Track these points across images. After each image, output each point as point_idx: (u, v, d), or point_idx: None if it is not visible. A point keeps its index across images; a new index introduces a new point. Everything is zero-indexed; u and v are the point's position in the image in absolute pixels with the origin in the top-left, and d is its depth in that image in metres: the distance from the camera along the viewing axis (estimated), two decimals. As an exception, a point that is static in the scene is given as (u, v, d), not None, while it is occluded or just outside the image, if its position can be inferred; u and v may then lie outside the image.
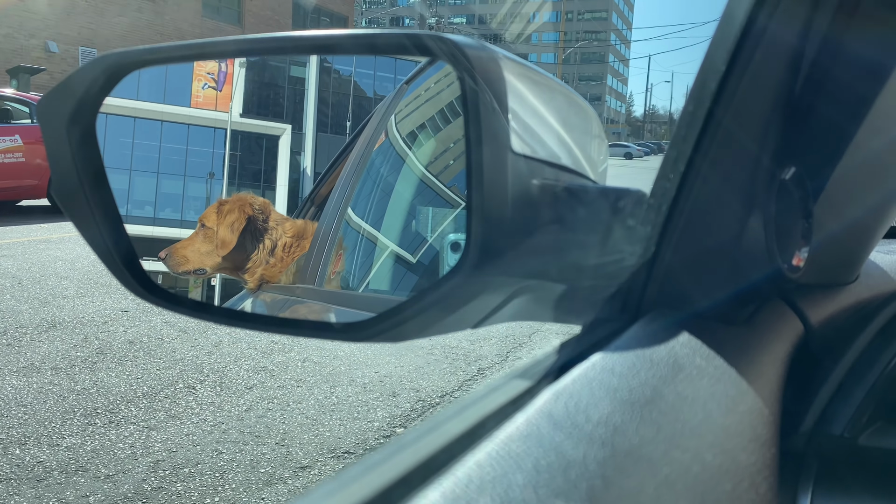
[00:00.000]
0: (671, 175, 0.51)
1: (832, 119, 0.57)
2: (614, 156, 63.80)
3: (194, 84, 1.64)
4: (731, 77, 0.48)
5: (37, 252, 7.92)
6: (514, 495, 0.27)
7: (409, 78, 1.54)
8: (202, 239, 1.46)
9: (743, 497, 0.38)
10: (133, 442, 3.34)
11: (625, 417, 0.36)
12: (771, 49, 0.49)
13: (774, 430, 0.47)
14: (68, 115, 0.58)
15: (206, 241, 1.46)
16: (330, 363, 4.57)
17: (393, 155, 1.40)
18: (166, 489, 2.93)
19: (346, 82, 1.79)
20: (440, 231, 1.01)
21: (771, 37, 0.48)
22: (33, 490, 2.87)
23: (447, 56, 0.54)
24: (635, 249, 0.54)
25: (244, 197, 1.51)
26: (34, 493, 2.85)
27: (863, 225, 0.73)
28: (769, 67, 0.50)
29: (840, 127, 0.57)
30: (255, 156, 1.68)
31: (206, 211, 1.49)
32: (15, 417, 3.56)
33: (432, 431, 0.31)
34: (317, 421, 3.68)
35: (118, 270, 0.61)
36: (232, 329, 5.15)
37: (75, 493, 2.85)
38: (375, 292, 1.31)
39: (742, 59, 0.48)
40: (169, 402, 3.86)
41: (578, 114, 0.74)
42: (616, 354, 0.44)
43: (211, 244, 1.46)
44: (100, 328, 5.17)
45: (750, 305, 0.59)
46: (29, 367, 4.29)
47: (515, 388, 0.37)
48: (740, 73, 0.48)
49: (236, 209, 1.47)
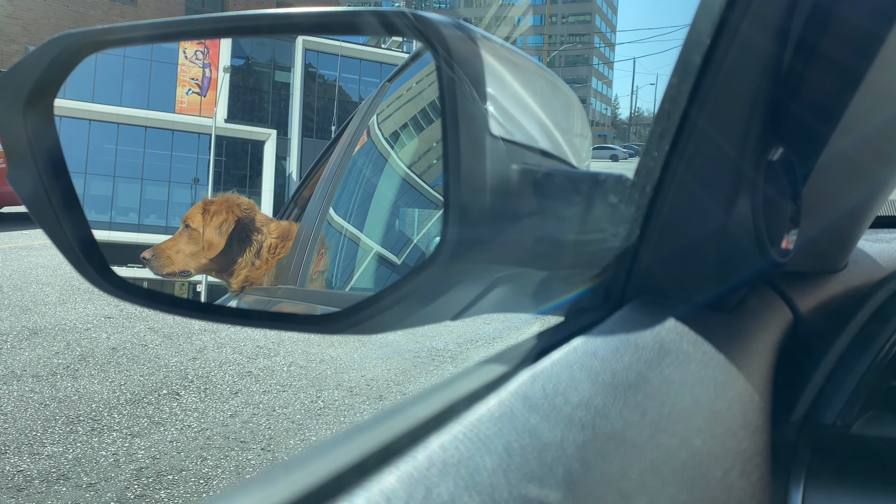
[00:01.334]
0: (655, 153, 0.49)
1: (821, 97, 0.55)
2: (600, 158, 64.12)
3: (178, 90, 1.63)
4: (716, 50, 0.46)
5: (18, 259, 7.82)
6: (480, 479, 0.25)
7: (391, 76, 1.52)
8: (187, 240, 1.43)
9: (734, 484, 0.36)
10: (116, 449, 3.29)
11: (607, 400, 0.34)
12: (758, 21, 0.47)
13: (765, 417, 0.45)
14: (25, 98, 0.55)
15: (192, 242, 1.43)
16: (316, 367, 4.53)
17: (375, 155, 1.38)
18: (150, 497, 2.88)
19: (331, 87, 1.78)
20: (425, 231, 0.99)
21: (757, 7, 0.46)
22: (13, 500, 2.81)
23: (414, 32, 0.51)
24: (618, 231, 0.52)
25: (231, 198, 1.48)
26: (14, 502, 2.79)
27: (852, 211, 0.71)
28: (756, 40, 0.48)
29: (829, 106, 0.56)
30: (240, 161, 1.66)
31: (191, 211, 1.46)
32: (-6, 426, 3.50)
33: (395, 415, 0.29)
34: (303, 426, 3.64)
35: (79, 263, 0.58)
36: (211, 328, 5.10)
37: (56, 503, 2.80)
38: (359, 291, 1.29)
39: (728, 31, 0.46)
40: (153, 408, 3.80)
41: (560, 98, 0.72)
42: (599, 338, 0.42)
43: (196, 245, 1.43)
44: (82, 335, 5.11)
45: (738, 293, 0.58)
46: (9, 374, 4.22)
47: (490, 373, 0.35)
48: (726, 45, 0.46)
49: (224, 210, 1.45)
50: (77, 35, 0.57)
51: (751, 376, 0.46)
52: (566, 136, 0.68)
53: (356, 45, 1.77)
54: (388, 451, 0.26)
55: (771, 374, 0.52)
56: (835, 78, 0.55)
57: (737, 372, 0.45)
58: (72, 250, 0.58)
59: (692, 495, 0.33)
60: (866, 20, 0.50)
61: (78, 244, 0.58)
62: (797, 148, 0.57)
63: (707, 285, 0.55)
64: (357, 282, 1.21)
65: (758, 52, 0.49)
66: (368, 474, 0.24)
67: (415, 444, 0.26)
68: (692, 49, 0.47)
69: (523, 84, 0.61)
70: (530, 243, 0.55)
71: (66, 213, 0.58)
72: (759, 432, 0.42)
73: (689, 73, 0.47)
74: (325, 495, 0.23)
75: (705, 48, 0.46)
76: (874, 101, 0.57)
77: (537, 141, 0.58)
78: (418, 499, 0.23)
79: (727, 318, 0.54)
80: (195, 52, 1.57)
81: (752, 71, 0.49)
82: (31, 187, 0.56)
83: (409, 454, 0.25)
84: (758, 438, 0.41)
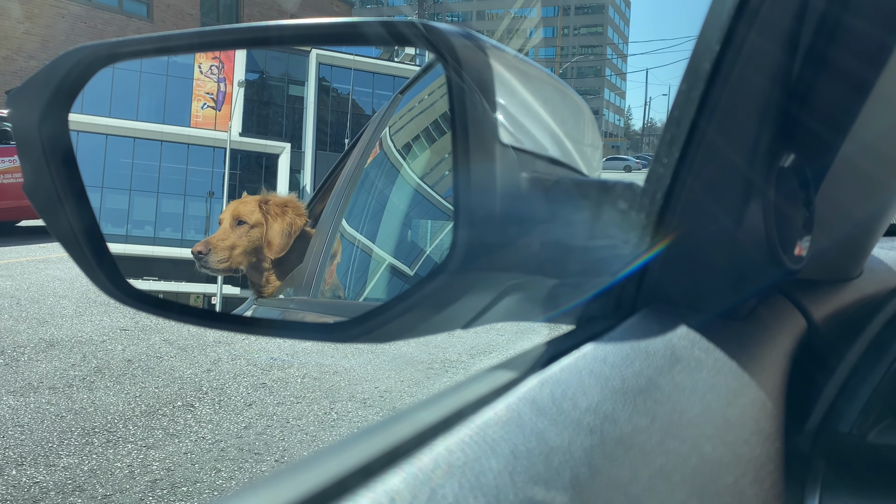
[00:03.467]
0: (665, 159, 0.49)
1: (831, 103, 0.55)
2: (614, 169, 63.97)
3: (194, 104, 1.64)
4: (725, 56, 0.46)
5: (35, 272, 7.90)
6: (486, 481, 0.25)
7: (403, 88, 1.53)
8: (241, 236, 1.32)
9: (746, 491, 0.35)
10: (131, 461, 3.30)
11: (616, 406, 0.34)
12: (766, 28, 0.47)
13: (778, 424, 0.44)
14: (40, 111, 0.56)
15: (248, 239, 1.32)
16: (329, 379, 4.53)
17: (387, 166, 1.39)
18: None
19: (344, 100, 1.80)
20: (437, 242, 0.99)
21: (766, 15, 0.46)
22: (29, 511, 2.83)
23: (424, 42, 0.51)
24: (629, 238, 0.52)
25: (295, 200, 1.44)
26: (30, 514, 2.81)
27: (866, 218, 0.70)
28: (764, 47, 0.48)
29: (840, 112, 0.55)
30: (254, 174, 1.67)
31: (239, 206, 1.34)
32: (12, 438, 3.52)
33: (402, 419, 0.29)
34: (316, 437, 3.64)
35: (92, 271, 0.59)
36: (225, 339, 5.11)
37: (72, 514, 2.81)
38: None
39: (737, 37, 0.46)
40: (167, 420, 3.82)
41: (571, 107, 0.72)
42: (609, 345, 0.42)
43: (252, 243, 1.32)
44: (98, 347, 5.14)
45: (750, 300, 0.57)
46: (26, 386, 4.25)
47: (499, 378, 0.35)
48: (735, 52, 0.46)
49: (290, 212, 1.39)
50: (90, 48, 0.58)
51: (763, 384, 0.46)
52: (576, 144, 0.68)
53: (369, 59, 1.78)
54: (394, 454, 0.26)
55: (784, 382, 0.52)
56: (846, 86, 0.54)
57: (749, 379, 0.44)
58: (86, 260, 0.59)
59: (702, 501, 0.32)
60: (875, 29, 0.50)
61: (91, 253, 0.59)
62: (808, 154, 0.57)
63: (719, 293, 0.54)
64: (370, 293, 1.22)
65: (766, 59, 0.49)
66: (373, 476, 0.24)
67: (421, 447, 0.26)
68: (701, 56, 0.47)
69: (533, 93, 0.61)
70: (540, 250, 0.55)
71: (80, 224, 0.58)
72: (771, 440, 0.42)
73: (699, 80, 0.47)
74: (329, 496, 0.23)
75: (714, 55, 0.46)
76: (885, 109, 0.57)
77: (547, 149, 0.59)
78: (423, 500, 0.23)
79: (740, 326, 0.54)
80: (210, 67, 1.59)
81: (762, 77, 0.49)
82: (47, 199, 0.57)
83: (414, 457, 0.26)
84: (770, 446, 0.41)
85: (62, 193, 0.57)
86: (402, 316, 0.52)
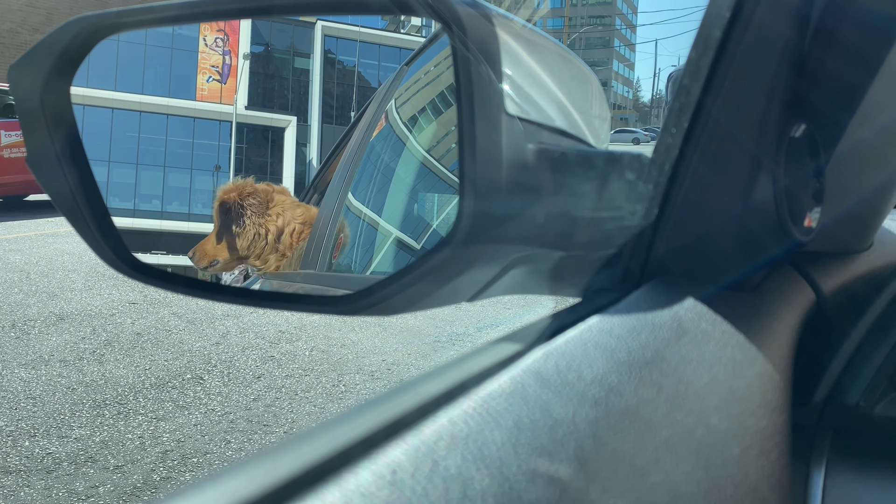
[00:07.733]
0: (674, 129, 0.48)
1: (842, 75, 0.54)
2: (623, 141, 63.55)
3: (199, 77, 1.64)
4: (736, 23, 0.45)
5: (44, 246, 7.94)
6: (489, 453, 0.25)
7: (409, 59, 1.51)
8: (224, 250, 1.42)
9: (752, 463, 0.35)
10: (142, 433, 3.34)
11: (622, 377, 0.34)
12: None
13: (786, 397, 0.44)
14: (42, 82, 0.55)
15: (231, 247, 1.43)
16: (337, 352, 4.56)
17: (393, 139, 1.38)
18: (175, 479, 2.92)
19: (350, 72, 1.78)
20: (444, 216, 0.99)
21: None
22: (43, 481, 2.87)
23: (428, 10, 0.50)
24: (635, 209, 0.51)
25: (282, 197, 1.48)
26: (44, 484, 2.85)
27: (877, 190, 0.70)
28: (776, 13, 0.47)
29: (850, 83, 0.54)
30: (260, 148, 1.67)
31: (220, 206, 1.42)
32: (24, 410, 3.56)
33: (405, 392, 0.29)
34: (325, 409, 3.67)
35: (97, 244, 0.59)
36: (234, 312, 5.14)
37: (84, 484, 2.85)
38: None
39: (747, 6, 0.45)
40: (177, 392, 3.86)
41: (579, 78, 0.71)
42: (615, 317, 0.41)
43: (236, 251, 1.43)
44: (108, 320, 5.18)
45: (759, 272, 0.57)
46: (38, 359, 4.30)
47: (503, 351, 0.35)
48: (746, 18, 0.45)
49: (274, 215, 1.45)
50: (93, 17, 0.58)
51: (771, 356, 0.46)
52: (584, 116, 0.67)
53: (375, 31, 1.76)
54: (397, 426, 0.26)
55: (792, 355, 0.51)
56: (857, 51, 0.53)
57: (756, 351, 0.44)
58: (90, 233, 0.59)
59: (708, 472, 0.32)
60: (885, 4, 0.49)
61: (95, 226, 0.58)
62: (820, 125, 0.56)
63: (727, 265, 0.54)
64: (376, 266, 1.21)
65: (778, 25, 0.48)
66: (375, 448, 0.24)
67: (424, 418, 0.26)
68: (712, 22, 0.46)
69: (540, 63, 0.60)
70: (546, 221, 0.54)
71: (84, 196, 0.58)
72: (778, 412, 0.42)
73: (709, 48, 0.46)
74: (331, 468, 0.23)
75: (725, 21, 0.45)
76: (895, 84, 0.56)
77: (554, 120, 0.58)
78: (424, 472, 0.23)
79: (747, 298, 0.53)
80: (215, 40, 1.58)
81: (774, 43, 0.48)
82: (50, 172, 0.56)
83: (417, 428, 0.25)
84: (777, 418, 0.41)
85: (65, 166, 0.56)
86: (408, 288, 0.52)
